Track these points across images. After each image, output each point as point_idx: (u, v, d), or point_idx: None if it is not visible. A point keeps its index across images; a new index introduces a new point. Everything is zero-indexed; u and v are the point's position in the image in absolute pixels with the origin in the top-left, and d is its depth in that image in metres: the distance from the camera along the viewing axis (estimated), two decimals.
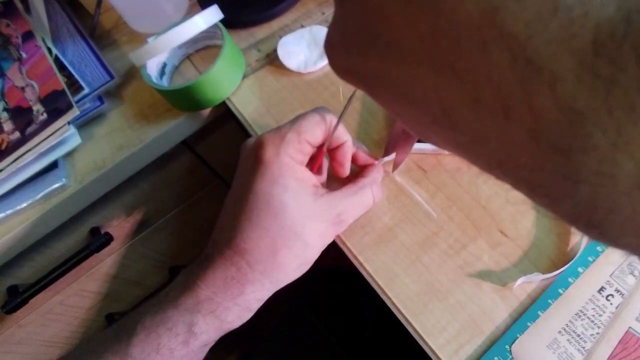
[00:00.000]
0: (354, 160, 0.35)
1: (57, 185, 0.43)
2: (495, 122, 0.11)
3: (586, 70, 0.09)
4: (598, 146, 0.09)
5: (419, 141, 0.36)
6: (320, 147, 0.32)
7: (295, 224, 0.29)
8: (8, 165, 0.41)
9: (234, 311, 0.30)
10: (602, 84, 0.09)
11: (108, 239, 0.52)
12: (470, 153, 0.13)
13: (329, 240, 0.33)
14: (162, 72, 0.47)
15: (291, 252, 0.30)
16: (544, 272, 0.31)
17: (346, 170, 0.34)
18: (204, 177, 0.60)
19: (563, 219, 0.12)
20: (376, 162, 0.35)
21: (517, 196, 0.35)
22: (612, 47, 0.08)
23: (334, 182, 0.36)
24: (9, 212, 0.42)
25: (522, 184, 0.12)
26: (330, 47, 0.16)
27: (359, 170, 0.36)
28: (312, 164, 0.33)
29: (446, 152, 0.37)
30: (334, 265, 0.65)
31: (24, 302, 0.49)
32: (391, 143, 0.36)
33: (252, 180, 0.30)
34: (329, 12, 0.49)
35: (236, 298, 0.30)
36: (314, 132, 0.30)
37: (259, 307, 0.32)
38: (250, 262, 0.29)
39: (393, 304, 0.32)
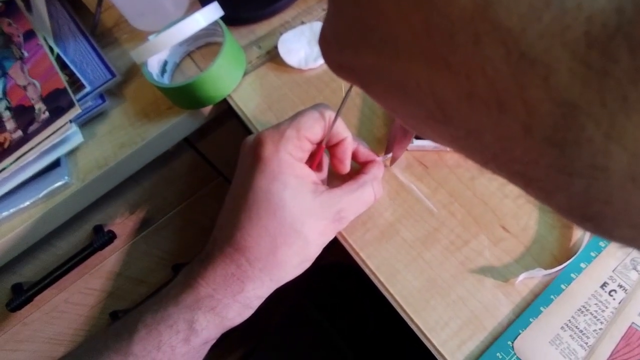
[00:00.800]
0: (354, 156, 0.35)
1: (59, 183, 0.43)
2: (489, 115, 0.11)
3: (579, 62, 0.09)
4: (591, 138, 0.09)
5: (418, 138, 0.36)
6: (319, 144, 0.32)
7: (295, 221, 0.29)
8: (11, 164, 0.41)
9: (235, 308, 0.30)
10: (595, 76, 0.09)
11: (111, 236, 0.52)
12: (465, 147, 0.13)
13: (330, 238, 0.33)
14: (163, 70, 0.47)
15: (291, 250, 0.30)
16: (546, 268, 0.31)
17: (346, 166, 0.34)
18: (206, 174, 0.60)
19: (558, 211, 0.12)
20: (377, 158, 0.35)
21: (518, 192, 0.34)
22: (605, 39, 0.08)
23: (335, 179, 0.36)
24: (12, 210, 0.42)
25: (517, 177, 0.12)
26: (325, 43, 0.16)
27: (359, 167, 0.36)
28: (312, 160, 0.33)
29: (447, 149, 0.36)
30: (336, 261, 0.65)
31: (29, 300, 0.49)
32: (391, 140, 0.36)
33: (251, 178, 0.30)
34: None
35: (236, 295, 0.30)
36: (313, 128, 0.30)
37: (260, 304, 0.32)
38: (250, 259, 0.29)
39: (395, 300, 0.32)
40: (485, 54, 0.10)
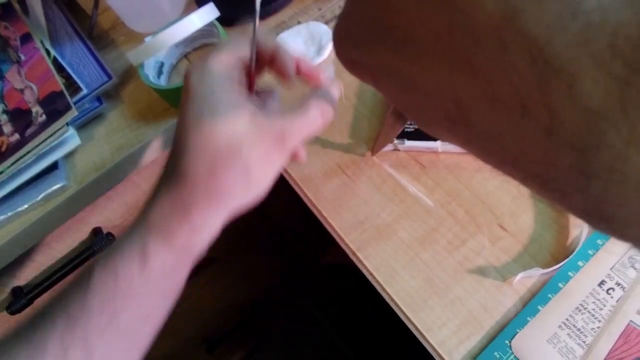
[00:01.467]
0: (298, 71, 0.32)
1: (57, 186, 0.43)
2: (511, 119, 0.11)
3: (602, 71, 0.09)
4: (611, 144, 0.09)
5: (410, 138, 0.36)
6: (251, 64, 0.31)
7: (231, 145, 0.28)
8: (8, 167, 0.41)
9: (183, 233, 0.29)
10: (617, 85, 0.09)
11: (111, 239, 0.52)
12: (481, 148, 0.13)
13: (277, 164, 0.31)
14: (159, 72, 0.47)
15: (231, 174, 0.29)
16: (543, 267, 0.31)
17: (289, 79, 0.32)
18: None
19: (572, 212, 0.12)
20: (323, 74, 0.32)
21: (516, 191, 0.34)
22: (628, 51, 0.09)
23: None
24: (10, 213, 0.42)
25: (534, 179, 0.12)
26: (339, 39, 0.16)
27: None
28: (248, 83, 0.31)
29: (439, 149, 0.36)
30: (336, 262, 0.65)
31: (29, 303, 0.49)
32: (379, 130, 0.35)
33: (184, 109, 0.29)
34: (326, 8, 0.48)
35: (183, 221, 0.29)
36: (236, 43, 0.29)
37: (213, 233, 0.30)
38: (191, 184, 0.28)
39: (393, 300, 0.32)
40: (510, 60, 0.10)
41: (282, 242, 0.82)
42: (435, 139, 0.35)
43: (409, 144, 0.36)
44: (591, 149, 0.10)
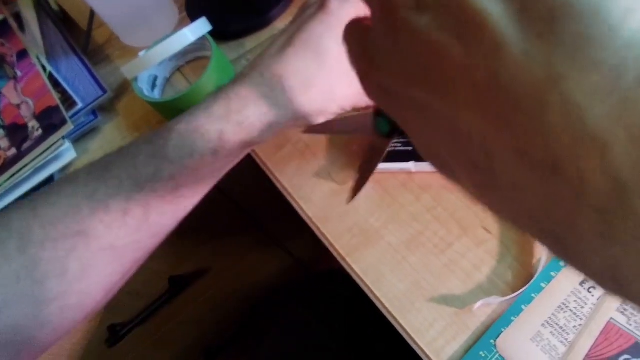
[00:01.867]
0: None
1: None
2: (539, 175, 0.11)
3: (634, 145, 0.10)
4: (636, 212, 0.10)
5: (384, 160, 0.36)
6: None
7: (333, 76, 0.31)
8: (5, 181, 0.42)
9: (258, 127, 0.31)
10: None
11: None
12: (499, 198, 0.13)
13: (350, 105, 0.33)
14: (153, 85, 0.48)
15: (320, 96, 0.31)
16: (525, 267, 0.32)
17: None
18: None
19: (583, 271, 0.12)
20: None
21: None
22: None
23: None
24: None
25: (549, 235, 0.12)
26: (367, 62, 0.16)
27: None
28: None
29: (413, 170, 0.37)
30: (331, 268, 0.66)
31: None
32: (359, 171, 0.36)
33: (310, 22, 0.31)
34: None
35: (261, 116, 0.30)
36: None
37: (274, 135, 0.32)
38: (284, 87, 0.30)
39: (381, 303, 0.33)
40: (548, 120, 0.10)
41: (276, 249, 0.83)
42: (408, 160, 0.36)
43: (382, 166, 0.37)
44: (615, 215, 0.10)
